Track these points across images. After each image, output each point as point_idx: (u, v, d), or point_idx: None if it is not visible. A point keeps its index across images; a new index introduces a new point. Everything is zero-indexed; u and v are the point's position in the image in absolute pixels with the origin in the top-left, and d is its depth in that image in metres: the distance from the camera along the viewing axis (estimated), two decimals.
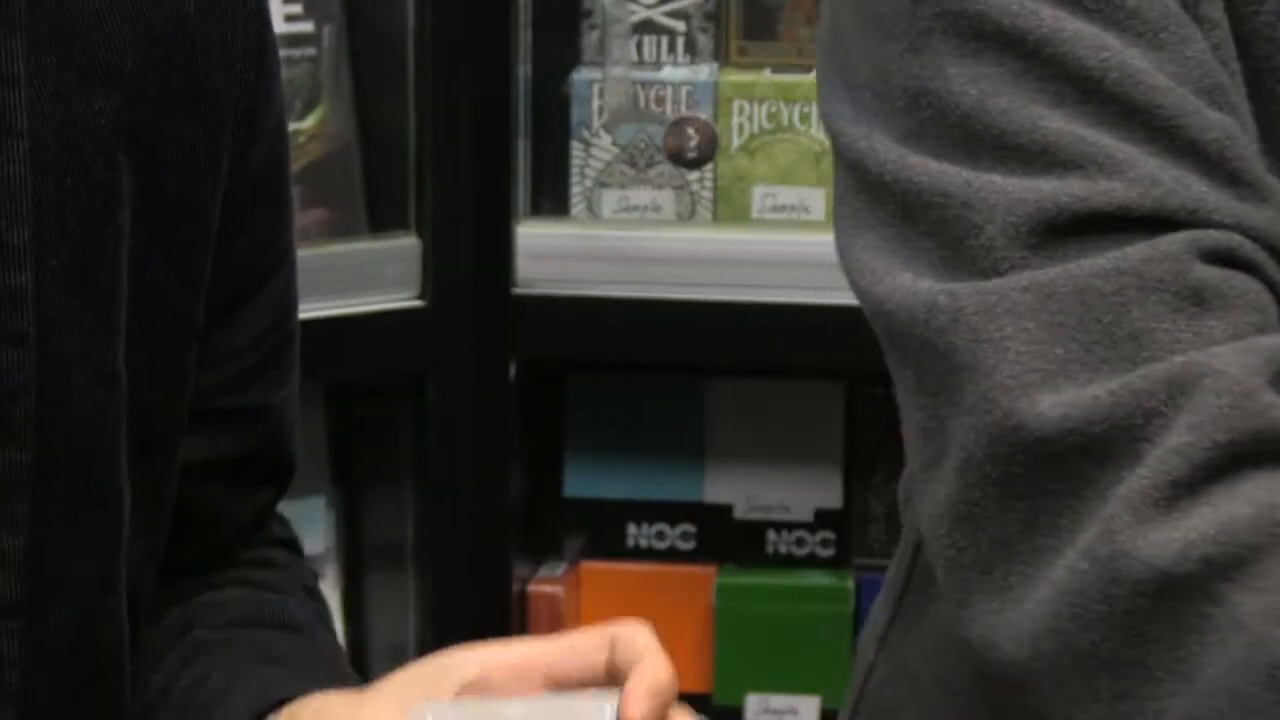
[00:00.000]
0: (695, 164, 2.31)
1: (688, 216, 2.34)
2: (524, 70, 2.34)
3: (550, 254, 2.30)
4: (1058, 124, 1.19)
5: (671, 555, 2.44)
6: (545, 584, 2.42)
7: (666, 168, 2.32)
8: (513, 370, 2.32)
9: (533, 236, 2.28)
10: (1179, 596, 1.10)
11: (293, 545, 1.48)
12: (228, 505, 1.40)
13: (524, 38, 2.33)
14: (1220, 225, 1.18)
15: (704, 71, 2.37)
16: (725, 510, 2.43)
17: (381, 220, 2.36)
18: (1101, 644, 1.10)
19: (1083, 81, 1.18)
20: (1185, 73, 1.20)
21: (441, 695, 1.17)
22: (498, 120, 2.31)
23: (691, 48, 2.37)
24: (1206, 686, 1.08)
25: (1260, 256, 1.18)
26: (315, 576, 1.49)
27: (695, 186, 2.33)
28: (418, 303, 2.29)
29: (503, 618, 2.36)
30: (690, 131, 2.30)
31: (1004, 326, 1.16)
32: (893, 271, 1.21)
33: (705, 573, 2.42)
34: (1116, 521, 1.10)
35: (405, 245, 2.32)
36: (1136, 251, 1.15)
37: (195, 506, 1.35)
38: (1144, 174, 1.17)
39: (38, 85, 1.18)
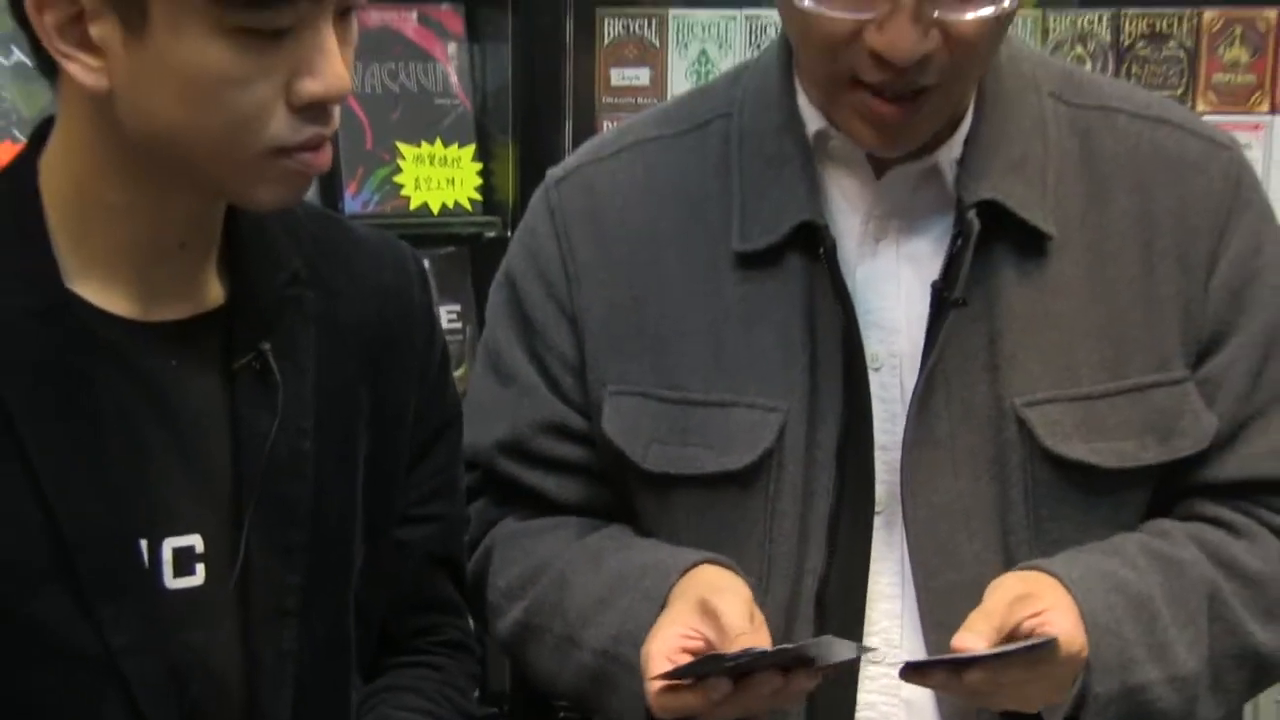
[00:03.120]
0: None
1: None
2: None
3: None
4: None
5: None
6: None
7: None
8: None
9: None
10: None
11: (461, 645, 1.55)
12: (428, 583, 1.51)
13: None
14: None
15: None
16: None
17: None
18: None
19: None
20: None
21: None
22: None
23: None
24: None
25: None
26: (472, 676, 1.55)
27: None
28: None
29: None
30: None
31: None
32: None
33: None
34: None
35: None
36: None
37: (405, 586, 1.48)
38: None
39: (311, 360, 1.35)
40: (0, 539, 1.22)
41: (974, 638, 1.32)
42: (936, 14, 1.32)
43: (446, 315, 2.54)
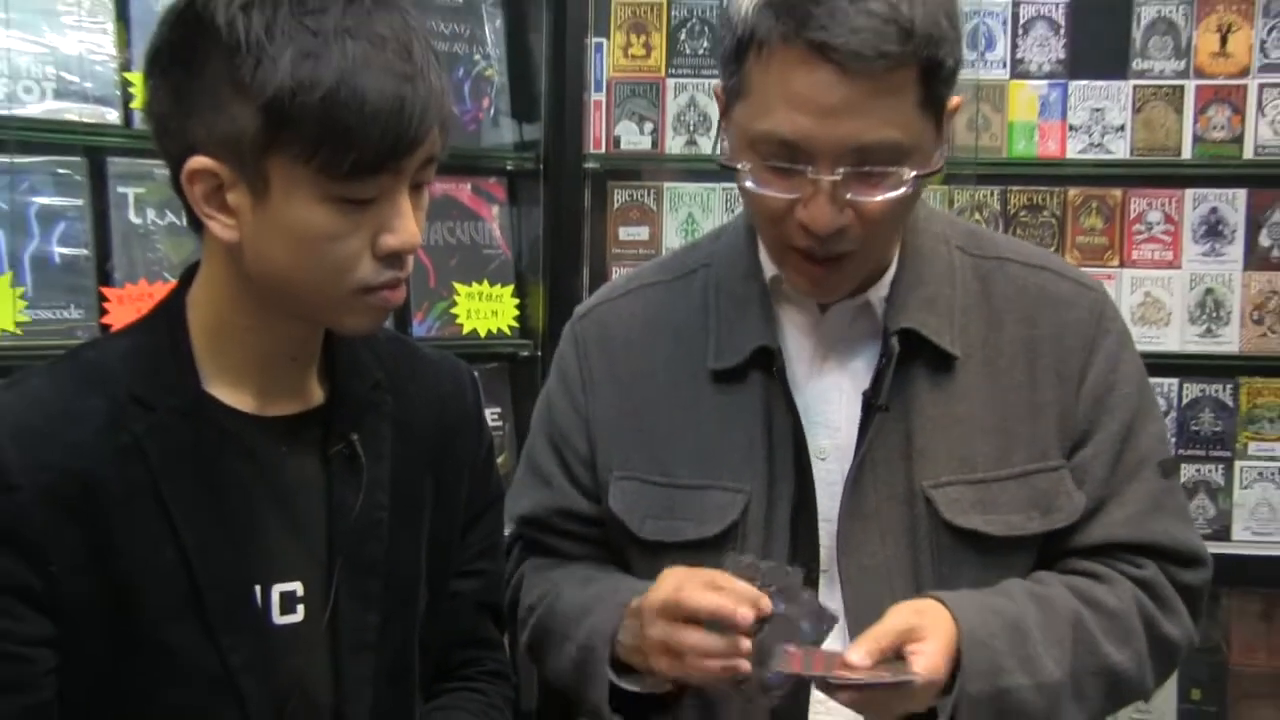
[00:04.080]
0: None
1: None
2: None
3: None
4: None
5: None
6: None
7: None
8: None
9: None
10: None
11: (500, 674, 1.52)
12: (474, 624, 1.49)
13: None
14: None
15: None
16: None
17: None
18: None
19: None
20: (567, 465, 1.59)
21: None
22: None
23: None
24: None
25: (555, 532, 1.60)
26: (508, 698, 1.51)
27: None
28: None
29: None
30: None
31: None
32: None
33: None
34: None
35: None
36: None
37: (457, 626, 1.46)
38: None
39: (389, 449, 1.35)
40: (147, 581, 1.23)
41: (859, 654, 1.30)
42: (849, 196, 1.32)
43: (490, 416, 2.50)
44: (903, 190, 1.33)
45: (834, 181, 1.31)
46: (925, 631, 1.33)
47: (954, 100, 1.37)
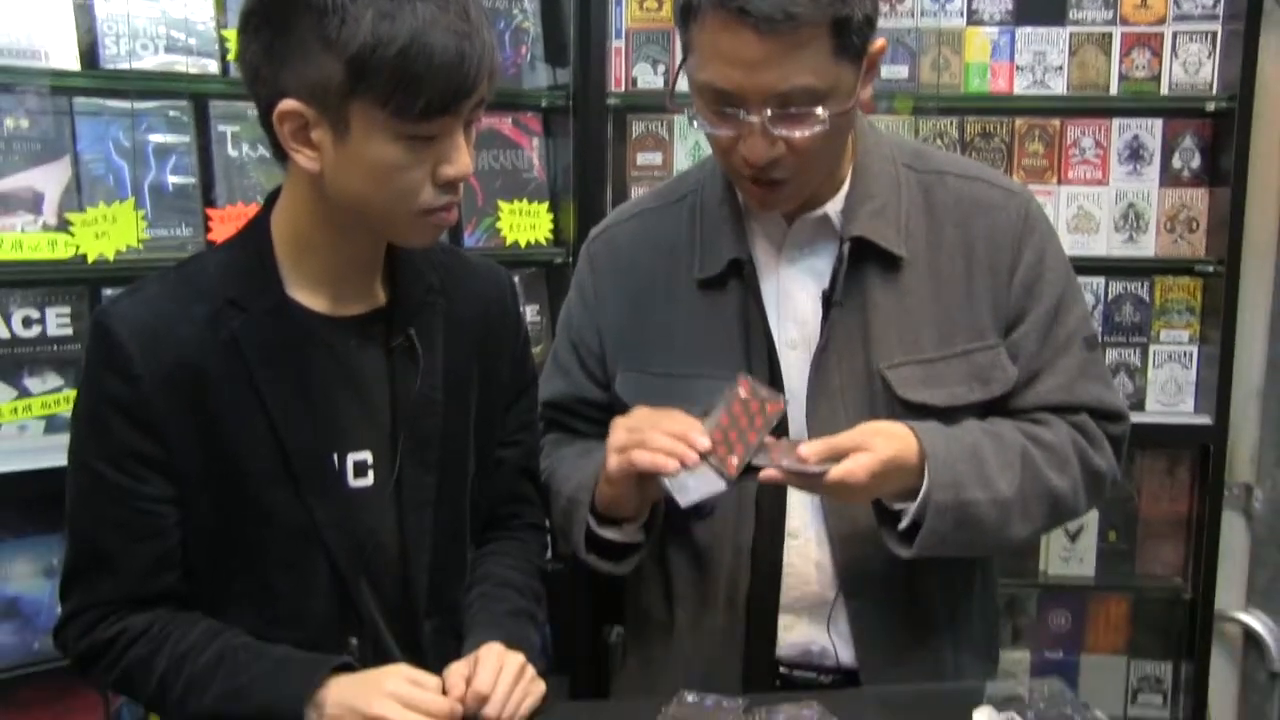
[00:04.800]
0: None
1: None
2: None
3: None
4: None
5: None
6: None
7: None
8: None
9: None
10: None
11: (536, 526, 1.51)
12: (515, 485, 1.49)
13: None
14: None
15: None
16: None
17: None
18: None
19: None
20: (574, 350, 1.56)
21: None
22: None
23: None
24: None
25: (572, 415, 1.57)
26: (543, 547, 1.50)
27: None
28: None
29: None
30: None
31: None
32: None
33: None
34: None
35: None
36: None
37: (501, 487, 1.47)
38: None
39: (441, 342, 1.34)
40: (245, 451, 1.24)
41: (809, 448, 1.31)
42: (778, 132, 1.32)
43: (530, 312, 2.50)
44: (821, 127, 1.31)
45: (763, 122, 1.31)
46: (870, 446, 1.32)
47: (877, 43, 1.34)
